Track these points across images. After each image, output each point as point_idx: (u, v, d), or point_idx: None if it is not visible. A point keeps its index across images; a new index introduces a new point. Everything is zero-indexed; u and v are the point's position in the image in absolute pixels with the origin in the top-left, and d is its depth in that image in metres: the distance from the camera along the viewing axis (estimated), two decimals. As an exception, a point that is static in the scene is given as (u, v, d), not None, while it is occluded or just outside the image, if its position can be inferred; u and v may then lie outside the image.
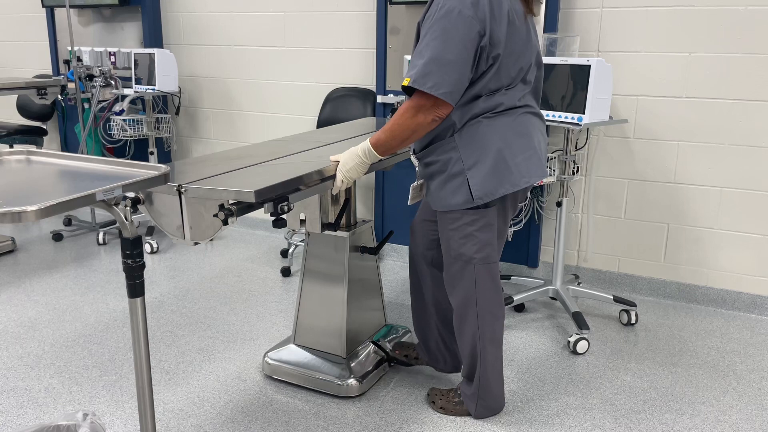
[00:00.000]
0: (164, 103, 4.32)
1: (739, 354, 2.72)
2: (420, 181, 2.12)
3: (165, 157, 4.42)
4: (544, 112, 2.74)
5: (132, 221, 1.34)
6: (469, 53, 1.74)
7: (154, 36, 4.24)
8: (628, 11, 3.06)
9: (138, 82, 3.98)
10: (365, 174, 1.96)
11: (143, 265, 1.38)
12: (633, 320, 2.97)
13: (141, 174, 1.47)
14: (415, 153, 2.06)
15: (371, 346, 2.52)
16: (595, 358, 2.67)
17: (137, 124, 4.07)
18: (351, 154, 1.92)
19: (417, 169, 2.07)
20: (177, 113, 4.17)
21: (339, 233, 2.37)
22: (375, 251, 2.47)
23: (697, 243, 3.17)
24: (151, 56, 3.88)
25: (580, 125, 2.61)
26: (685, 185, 3.13)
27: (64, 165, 1.61)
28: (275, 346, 2.55)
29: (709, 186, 3.08)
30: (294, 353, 2.49)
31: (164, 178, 1.44)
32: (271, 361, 2.48)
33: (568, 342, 2.72)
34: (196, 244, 1.76)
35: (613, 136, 3.21)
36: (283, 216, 1.77)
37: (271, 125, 4.13)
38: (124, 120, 4.04)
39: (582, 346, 2.70)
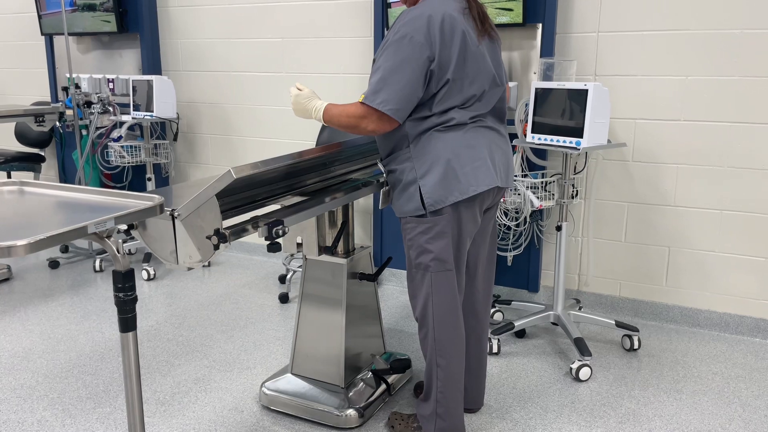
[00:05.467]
0: (162, 129, 4.32)
1: (744, 380, 2.68)
2: (387, 188, 2.16)
3: (163, 182, 4.41)
4: (541, 136, 2.74)
5: (124, 254, 1.32)
6: (417, 75, 1.87)
7: (152, 63, 4.25)
8: (624, 35, 3.06)
9: (136, 108, 3.98)
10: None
11: (135, 299, 1.35)
12: (636, 345, 2.93)
13: (134, 205, 1.45)
14: (381, 160, 2.15)
15: (371, 375, 2.48)
16: (598, 385, 2.62)
17: (135, 150, 4.07)
18: (306, 101, 2.02)
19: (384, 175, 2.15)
20: (175, 139, 4.17)
21: (337, 260, 2.34)
22: (373, 278, 2.43)
23: (699, 266, 3.14)
24: (149, 83, 3.88)
25: (579, 149, 2.60)
26: (686, 208, 3.11)
27: (57, 196, 1.59)
28: (272, 376, 2.51)
29: (710, 209, 3.06)
30: (291, 383, 2.44)
31: (158, 209, 1.42)
32: (268, 392, 2.43)
33: (571, 369, 2.67)
34: (189, 269, 1.74)
35: (612, 160, 3.20)
36: (278, 240, 1.74)
37: (269, 150, 4.12)
38: (122, 146, 4.03)
39: (584, 373, 2.66)
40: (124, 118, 4.00)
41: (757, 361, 2.85)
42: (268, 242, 1.71)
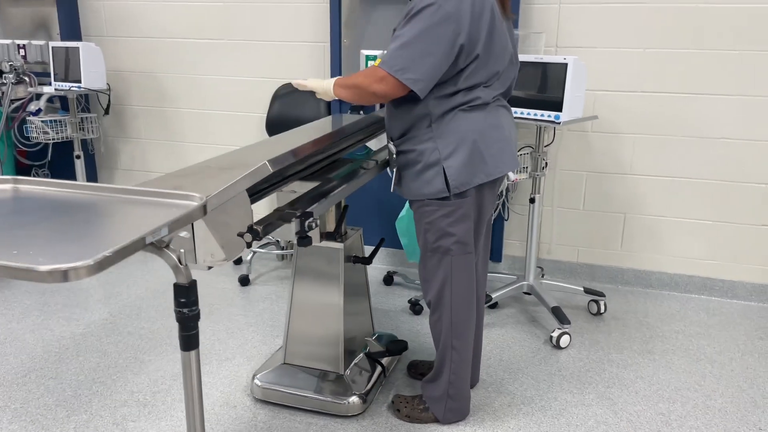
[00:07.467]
0: (86, 101, 3.93)
1: (704, 336, 2.88)
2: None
3: (90, 160, 4.04)
4: (518, 110, 2.74)
5: (187, 265, 1.17)
6: (443, 48, 1.77)
7: (71, 27, 3.83)
8: (585, 7, 3.11)
9: (56, 78, 3.58)
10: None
11: (198, 315, 1.21)
12: (602, 310, 3.06)
13: (173, 204, 1.29)
14: (392, 140, 2.03)
15: (364, 358, 2.43)
16: (577, 351, 2.73)
17: (60, 125, 3.68)
18: (321, 80, 1.98)
19: (392, 156, 2.04)
20: (107, 112, 3.80)
21: (333, 244, 2.24)
22: (368, 261, 2.36)
23: (652, 231, 3.31)
24: (70, 50, 3.50)
25: (559, 123, 2.63)
26: (640, 176, 3.25)
27: (66, 196, 1.39)
28: (263, 367, 2.40)
29: (662, 176, 3.23)
30: (286, 373, 2.34)
31: (203, 210, 1.27)
32: (261, 384, 2.32)
33: (551, 337, 2.76)
34: (210, 268, 1.59)
35: (573, 131, 3.28)
36: (309, 234, 1.64)
37: (211, 124, 3.87)
38: (44, 121, 3.64)
39: (565, 341, 2.75)
40: (46, 89, 3.59)
41: (710, 318, 3.07)
42: (299, 237, 1.60)
